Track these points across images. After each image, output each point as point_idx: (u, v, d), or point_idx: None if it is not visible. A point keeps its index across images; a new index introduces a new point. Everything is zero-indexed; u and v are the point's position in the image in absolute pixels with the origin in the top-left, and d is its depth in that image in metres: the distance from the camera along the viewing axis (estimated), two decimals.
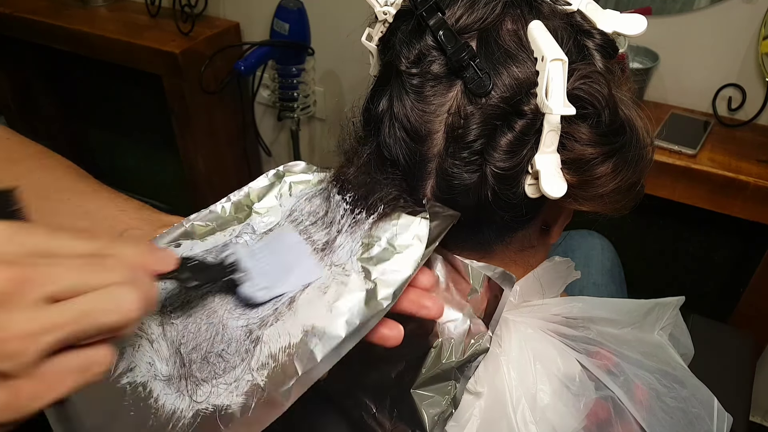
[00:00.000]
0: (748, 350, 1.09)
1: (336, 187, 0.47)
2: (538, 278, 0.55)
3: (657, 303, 0.58)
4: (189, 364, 0.40)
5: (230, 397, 0.38)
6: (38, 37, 1.68)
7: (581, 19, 0.46)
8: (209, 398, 0.39)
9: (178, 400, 0.39)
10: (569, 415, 0.49)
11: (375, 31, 0.51)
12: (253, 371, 0.39)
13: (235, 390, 0.39)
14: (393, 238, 0.43)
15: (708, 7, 1.17)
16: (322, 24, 1.52)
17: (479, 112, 0.43)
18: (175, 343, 0.42)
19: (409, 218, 0.44)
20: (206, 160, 1.74)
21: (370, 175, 0.46)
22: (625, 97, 0.48)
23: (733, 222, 1.14)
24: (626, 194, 0.48)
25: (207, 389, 0.39)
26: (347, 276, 0.42)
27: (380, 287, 0.41)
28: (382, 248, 0.43)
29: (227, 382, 0.39)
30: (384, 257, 0.42)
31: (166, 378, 0.40)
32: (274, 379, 0.38)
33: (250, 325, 0.42)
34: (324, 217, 0.47)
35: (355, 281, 0.42)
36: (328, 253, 0.45)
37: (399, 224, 0.44)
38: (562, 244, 1.03)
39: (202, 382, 0.40)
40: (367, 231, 0.44)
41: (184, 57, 1.50)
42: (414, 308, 0.43)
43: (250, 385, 0.38)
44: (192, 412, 0.38)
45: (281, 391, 0.38)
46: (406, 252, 0.42)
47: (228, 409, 0.38)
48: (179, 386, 0.40)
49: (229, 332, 0.42)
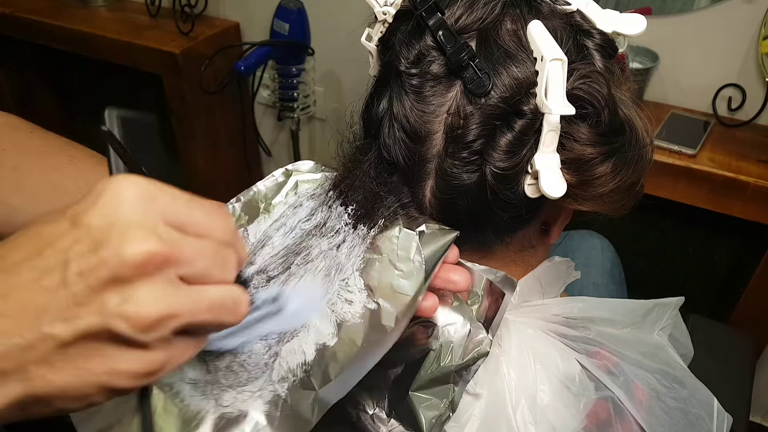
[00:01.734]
0: (748, 350, 1.09)
1: (338, 199, 0.48)
2: (538, 278, 0.55)
3: (657, 303, 0.58)
4: (215, 371, 0.41)
5: (254, 404, 0.39)
6: (38, 37, 1.68)
7: (581, 18, 0.46)
8: (235, 403, 0.39)
9: (204, 401, 0.40)
10: (569, 415, 0.49)
11: (375, 32, 0.51)
12: (275, 383, 0.40)
13: (259, 398, 0.40)
14: (394, 256, 0.44)
15: (708, 7, 1.17)
16: (322, 24, 1.52)
17: (479, 112, 0.43)
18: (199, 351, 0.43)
19: (409, 234, 0.45)
20: (206, 160, 1.74)
21: (372, 186, 0.47)
22: (625, 96, 0.48)
23: (733, 222, 1.14)
24: (626, 194, 0.48)
25: (232, 395, 0.40)
26: (351, 293, 0.43)
27: (383, 312, 0.42)
28: (384, 265, 0.44)
29: (251, 391, 0.40)
30: (385, 277, 0.43)
31: (193, 381, 0.41)
32: (295, 394, 0.40)
33: (269, 340, 0.42)
34: (323, 226, 0.47)
35: (359, 300, 0.43)
36: (333, 268, 0.45)
37: (400, 239, 0.45)
38: (562, 244, 1.03)
39: (227, 388, 0.40)
40: (368, 245, 0.45)
41: (184, 57, 1.50)
42: (442, 284, 0.44)
43: (273, 395, 0.40)
44: (218, 414, 0.39)
45: (304, 406, 0.39)
46: (407, 272, 0.43)
47: (252, 416, 0.39)
48: (205, 390, 0.40)
49: (249, 344, 0.42)
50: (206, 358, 0.42)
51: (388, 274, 0.43)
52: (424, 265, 0.43)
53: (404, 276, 0.43)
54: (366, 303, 0.43)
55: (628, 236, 1.43)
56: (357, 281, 0.43)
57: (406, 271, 0.43)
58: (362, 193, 0.46)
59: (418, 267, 0.43)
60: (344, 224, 0.47)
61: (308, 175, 0.52)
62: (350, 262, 0.45)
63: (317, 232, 0.47)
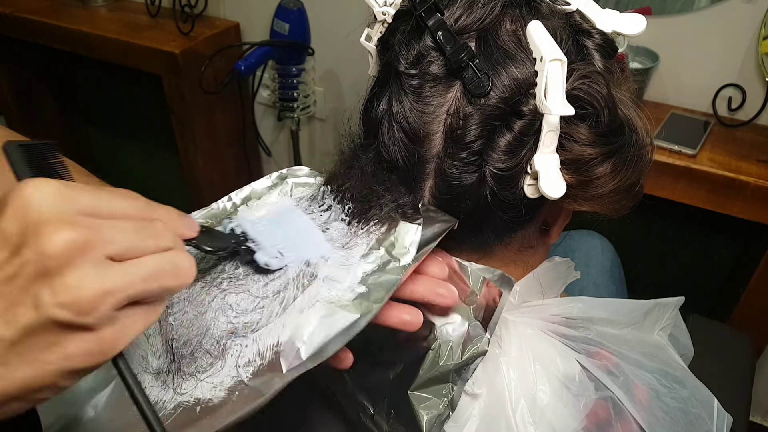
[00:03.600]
0: (748, 350, 1.09)
1: (336, 197, 0.48)
2: (538, 278, 0.55)
3: (657, 303, 0.58)
4: (179, 359, 0.41)
5: (213, 392, 0.39)
6: (38, 37, 1.68)
7: (580, 18, 0.46)
8: (193, 391, 0.40)
9: (162, 392, 0.40)
10: (569, 415, 0.49)
11: (374, 32, 0.51)
12: (239, 368, 0.40)
13: (219, 385, 0.39)
14: (390, 247, 0.44)
15: (708, 7, 1.17)
16: (322, 24, 1.52)
17: (478, 112, 0.43)
18: (168, 338, 0.43)
19: (406, 225, 0.45)
20: (206, 160, 1.74)
21: (369, 185, 0.47)
22: (625, 96, 0.48)
23: (733, 222, 1.14)
24: (625, 194, 0.48)
25: (192, 383, 0.40)
26: (342, 281, 0.43)
27: (373, 291, 0.42)
28: (380, 256, 0.44)
29: (212, 381, 0.40)
30: (381, 265, 0.43)
31: (156, 371, 0.41)
32: (259, 376, 0.39)
33: (235, 325, 0.42)
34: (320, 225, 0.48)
35: (349, 283, 0.43)
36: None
37: (397, 231, 0.45)
38: (562, 244, 1.03)
39: (188, 376, 0.40)
40: (363, 240, 0.45)
41: (184, 57, 1.50)
42: (430, 296, 0.45)
43: (234, 381, 0.39)
44: (174, 404, 0.39)
45: (262, 382, 0.39)
46: (402, 259, 0.43)
47: (209, 403, 0.39)
48: (166, 380, 0.41)
49: (219, 329, 0.42)
50: (173, 345, 0.42)
51: (382, 263, 0.44)
52: (415, 249, 0.44)
53: (398, 263, 0.43)
54: (357, 288, 0.42)
55: (628, 236, 1.43)
56: (355, 269, 0.44)
57: (401, 259, 0.44)
58: (361, 191, 0.46)
59: (411, 252, 0.44)
60: (340, 221, 0.47)
61: (304, 178, 0.53)
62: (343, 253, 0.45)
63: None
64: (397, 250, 0.44)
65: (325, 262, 0.44)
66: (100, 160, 2.30)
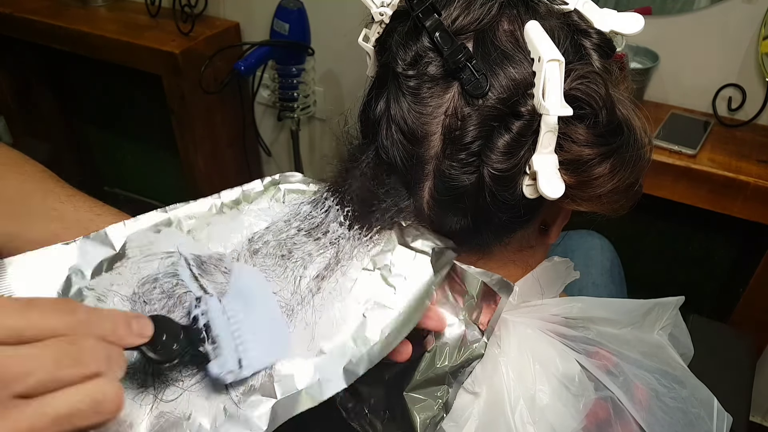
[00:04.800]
0: (748, 350, 1.09)
1: (335, 200, 0.48)
2: (537, 278, 0.55)
3: (657, 303, 0.58)
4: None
5: (200, 405, 0.38)
6: (38, 37, 1.68)
7: (578, 18, 0.46)
8: (179, 405, 0.38)
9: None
10: (568, 415, 0.49)
11: (372, 32, 0.51)
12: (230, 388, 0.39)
13: (206, 399, 0.39)
14: (387, 272, 0.44)
15: (708, 7, 1.17)
16: (322, 24, 1.52)
17: (476, 113, 0.42)
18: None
19: (405, 252, 0.45)
20: (206, 160, 1.74)
21: (369, 188, 0.46)
22: (623, 96, 0.48)
23: (733, 222, 1.14)
24: (624, 194, 0.47)
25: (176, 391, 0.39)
26: (342, 302, 0.43)
27: (369, 324, 0.41)
28: (377, 278, 0.43)
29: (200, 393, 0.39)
30: (378, 290, 0.43)
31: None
32: (250, 399, 0.38)
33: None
34: (316, 228, 0.47)
35: (350, 310, 0.42)
36: (325, 272, 0.44)
37: (395, 255, 0.45)
38: (562, 244, 1.03)
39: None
40: (363, 253, 0.45)
41: (184, 57, 1.50)
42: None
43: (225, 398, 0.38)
44: (157, 413, 0.38)
45: (257, 414, 0.37)
46: (399, 289, 0.43)
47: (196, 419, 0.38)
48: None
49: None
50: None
51: (379, 288, 0.43)
52: (415, 283, 0.43)
53: (395, 293, 0.43)
54: (358, 312, 0.42)
55: (628, 236, 1.43)
56: (353, 286, 0.43)
57: (398, 289, 0.43)
58: (361, 194, 0.46)
59: (411, 284, 0.43)
60: (339, 224, 0.46)
61: (297, 185, 0.52)
62: (342, 266, 0.44)
63: (306, 230, 0.47)
64: (394, 279, 0.43)
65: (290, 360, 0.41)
66: (100, 160, 2.30)
